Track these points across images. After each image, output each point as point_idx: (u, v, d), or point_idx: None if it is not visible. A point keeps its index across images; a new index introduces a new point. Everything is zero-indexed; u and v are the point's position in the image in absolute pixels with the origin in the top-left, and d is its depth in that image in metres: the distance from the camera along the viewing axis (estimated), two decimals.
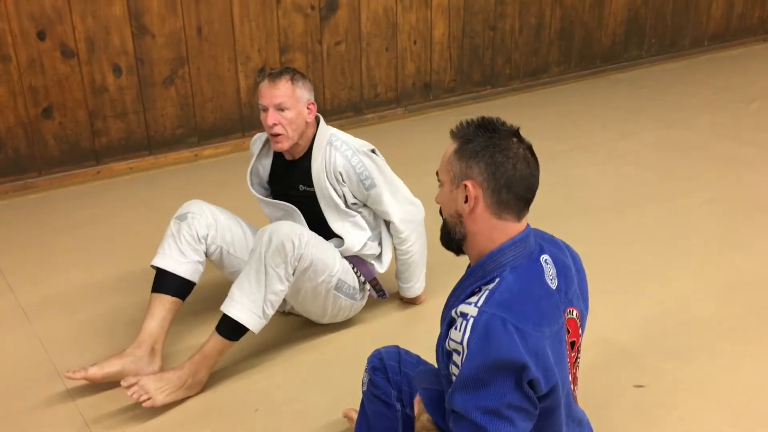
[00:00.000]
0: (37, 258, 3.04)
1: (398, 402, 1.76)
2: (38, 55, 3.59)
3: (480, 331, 1.30)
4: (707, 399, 2.12)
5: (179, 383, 2.11)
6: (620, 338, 2.41)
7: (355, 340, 2.42)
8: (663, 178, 3.73)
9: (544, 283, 1.41)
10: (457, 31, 4.93)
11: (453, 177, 1.43)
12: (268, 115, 2.29)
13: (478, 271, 1.42)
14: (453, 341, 1.33)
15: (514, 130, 1.44)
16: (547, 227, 1.55)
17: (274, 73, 2.33)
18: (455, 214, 1.44)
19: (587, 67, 5.73)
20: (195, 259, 2.35)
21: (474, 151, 1.40)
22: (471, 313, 1.33)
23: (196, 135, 4.15)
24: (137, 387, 2.05)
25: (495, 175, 1.39)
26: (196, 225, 2.35)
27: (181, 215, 2.37)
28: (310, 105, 2.35)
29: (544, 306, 1.37)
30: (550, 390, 1.34)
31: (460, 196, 1.42)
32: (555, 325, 1.39)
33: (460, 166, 1.41)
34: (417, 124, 4.67)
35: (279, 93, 2.28)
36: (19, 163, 3.69)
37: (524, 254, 1.42)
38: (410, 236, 2.47)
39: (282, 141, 2.32)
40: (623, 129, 4.51)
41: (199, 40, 3.99)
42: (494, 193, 1.39)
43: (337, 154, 2.35)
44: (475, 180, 1.39)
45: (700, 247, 3.02)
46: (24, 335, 2.50)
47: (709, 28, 6.38)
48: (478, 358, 1.29)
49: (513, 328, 1.30)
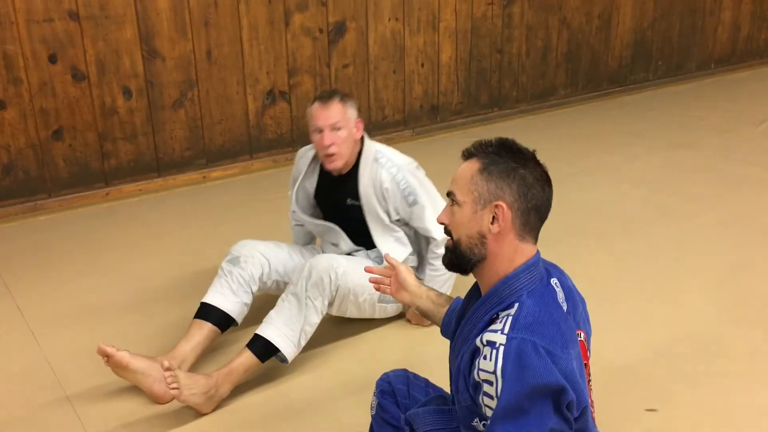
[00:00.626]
0: (46, 279, 3.05)
1: (407, 425, 1.75)
2: (49, 78, 3.62)
3: (513, 358, 1.27)
4: (719, 421, 2.09)
5: (204, 390, 2.13)
6: (631, 361, 2.39)
7: (363, 364, 2.41)
8: (670, 200, 3.72)
9: (559, 306, 1.40)
10: (465, 53, 4.96)
11: (478, 197, 1.39)
12: (324, 136, 2.38)
13: (493, 298, 1.40)
14: (484, 371, 1.29)
15: (533, 152, 1.44)
16: (555, 250, 1.55)
17: (324, 95, 2.43)
18: (476, 235, 1.40)
19: (594, 89, 5.75)
20: (243, 300, 2.44)
21: (505, 172, 1.38)
22: (499, 341, 1.29)
23: (204, 157, 4.17)
24: (173, 373, 2.07)
25: (527, 197, 1.37)
26: (249, 268, 2.44)
27: (233, 259, 2.45)
28: (357, 123, 2.46)
29: (565, 328, 1.36)
30: (581, 411, 1.32)
31: (487, 216, 1.38)
32: (576, 346, 1.38)
33: (489, 186, 1.38)
34: (424, 146, 4.68)
35: (332, 114, 2.38)
36: (29, 184, 3.72)
37: (537, 278, 1.40)
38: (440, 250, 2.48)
39: (337, 160, 2.43)
40: (630, 151, 4.51)
41: (208, 63, 4.02)
42: (523, 215, 1.38)
43: (383, 171, 2.45)
44: (506, 201, 1.37)
45: (709, 268, 3.00)
46: (32, 356, 2.50)
47: (715, 50, 6.40)
48: (515, 386, 1.26)
49: (544, 351, 1.27)
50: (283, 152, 4.38)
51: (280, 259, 2.54)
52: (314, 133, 2.43)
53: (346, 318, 2.68)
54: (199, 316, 2.38)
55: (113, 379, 2.37)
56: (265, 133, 4.33)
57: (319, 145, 2.42)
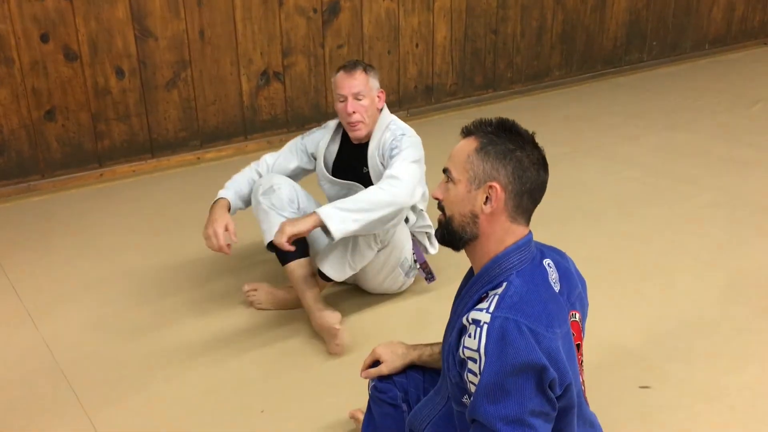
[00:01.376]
0: (41, 260, 3.04)
1: (404, 403, 1.77)
2: (41, 57, 3.59)
3: (495, 337, 1.29)
4: (713, 400, 2.12)
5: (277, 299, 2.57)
6: (625, 340, 2.41)
7: (361, 343, 2.42)
8: (665, 181, 3.73)
9: (550, 286, 1.41)
10: (459, 34, 4.94)
11: (473, 176, 1.40)
12: (347, 104, 2.44)
13: (484, 277, 1.41)
14: (468, 349, 1.32)
15: (532, 134, 1.44)
16: (550, 231, 1.56)
17: (348, 65, 2.49)
18: (468, 213, 1.41)
19: (589, 70, 5.74)
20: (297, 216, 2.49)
21: (501, 153, 1.38)
22: (484, 320, 1.31)
23: (198, 138, 4.16)
24: (252, 290, 2.57)
25: (521, 180, 1.38)
26: (285, 192, 2.50)
27: (267, 190, 2.49)
28: (380, 94, 2.54)
29: (552, 308, 1.37)
30: (564, 390, 1.34)
31: (481, 196, 1.39)
32: (564, 326, 1.39)
33: (485, 166, 1.39)
34: (419, 127, 4.60)
35: (356, 83, 2.45)
36: (23, 165, 3.70)
37: (528, 258, 1.41)
38: (384, 185, 2.30)
39: (360, 128, 2.49)
40: (625, 132, 4.52)
41: (201, 43, 4.00)
42: (516, 197, 1.38)
43: (388, 133, 2.48)
44: (500, 182, 1.38)
45: (703, 249, 3.02)
46: (29, 337, 2.50)
47: (710, 31, 6.40)
48: (497, 364, 1.28)
49: (527, 329, 1.29)
50: (278, 133, 4.36)
51: (306, 195, 2.62)
52: (338, 102, 2.49)
53: (344, 296, 2.70)
54: (286, 261, 2.45)
55: (111, 359, 2.38)
56: (259, 114, 4.31)
57: (342, 113, 2.48)
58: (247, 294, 2.61)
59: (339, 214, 2.21)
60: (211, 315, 2.60)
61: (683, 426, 2.02)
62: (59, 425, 2.07)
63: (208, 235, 2.37)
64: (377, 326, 2.53)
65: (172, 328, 2.54)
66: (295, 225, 2.20)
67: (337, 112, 2.53)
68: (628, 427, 2.00)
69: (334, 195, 2.64)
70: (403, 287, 2.69)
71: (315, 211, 2.22)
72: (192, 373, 2.30)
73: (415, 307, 2.65)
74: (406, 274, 2.61)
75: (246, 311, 2.62)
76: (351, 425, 2.01)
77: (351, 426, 2.01)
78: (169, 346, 2.44)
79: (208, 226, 2.39)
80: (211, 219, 2.41)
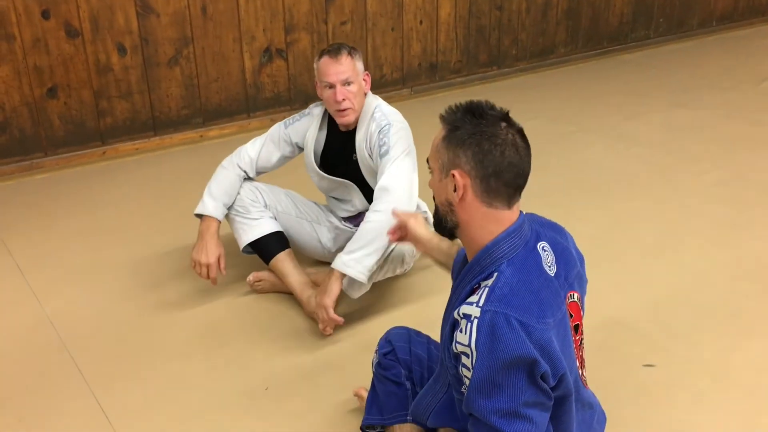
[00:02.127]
0: (45, 238, 3.04)
1: (408, 381, 1.77)
2: (42, 34, 3.56)
3: (486, 332, 1.28)
4: (716, 378, 2.11)
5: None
6: (629, 318, 2.40)
7: (366, 322, 2.43)
8: (670, 159, 3.71)
9: (543, 272, 1.39)
10: (464, 10, 4.89)
11: (442, 165, 1.40)
12: (336, 92, 2.36)
13: (475, 267, 1.40)
14: (460, 344, 1.31)
15: (504, 113, 1.40)
16: (554, 208, 1.55)
17: (332, 50, 2.39)
18: (446, 202, 1.41)
19: (594, 47, 5.69)
20: (268, 215, 2.53)
21: (461, 139, 1.36)
22: (474, 314, 1.30)
23: (201, 116, 4.13)
24: (257, 281, 2.56)
25: (483, 164, 1.35)
26: (244, 195, 2.50)
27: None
28: (365, 77, 2.45)
29: (545, 296, 1.35)
30: (558, 380, 1.33)
31: (449, 185, 1.39)
32: (558, 313, 1.37)
33: (448, 154, 1.38)
34: (423, 105, 4.65)
35: (343, 68, 2.36)
36: (25, 143, 3.68)
37: (520, 244, 1.39)
38: (380, 206, 2.28)
39: (350, 114, 2.41)
40: (631, 110, 4.48)
41: (203, 19, 3.96)
42: (482, 182, 1.36)
43: (373, 124, 2.42)
44: (462, 169, 1.36)
45: (709, 227, 3.01)
46: (33, 314, 2.50)
47: (717, 8, 6.32)
48: (488, 359, 1.27)
49: (517, 323, 1.28)
50: (281, 111, 4.34)
51: (278, 197, 2.60)
52: (324, 89, 2.40)
53: None
54: (268, 258, 2.48)
55: (115, 337, 2.38)
56: (262, 91, 4.28)
57: (330, 101, 2.40)
58: (253, 286, 2.58)
59: (352, 257, 2.21)
60: (215, 293, 2.60)
61: (687, 404, 2.02)
62: (63, 400, 2.08)
63: (199, 263, 2.39)
64: (379, 304, 2.53)
65: (176, 306, 2.54)
66: (327, 295, 2.22)
67: (324, 99, 2.43)
68: (632, 406, 2.01)
69: (325, 187, 2.62)
70: (407, 269, 2.68)
71: (331, 268, 2.24)
72: (196, 351, 2.31)
73: (416, 283, 2.64)
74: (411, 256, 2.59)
75: (251, 290, 2.62)
76: (355, 403, 2.02)
77: (355, 404, 2.02)
78: (173, 323, 2.45)
79: (201, 254, 2.39)
80: (203, 246, 2.40)
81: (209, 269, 2.39)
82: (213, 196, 2.47)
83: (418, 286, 2.64)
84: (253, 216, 2.49)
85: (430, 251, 1.79)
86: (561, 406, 1.38)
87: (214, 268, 2.39)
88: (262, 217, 2.51)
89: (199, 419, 2.01)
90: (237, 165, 2.55)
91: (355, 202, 2.58)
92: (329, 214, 2.68)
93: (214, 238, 2.41)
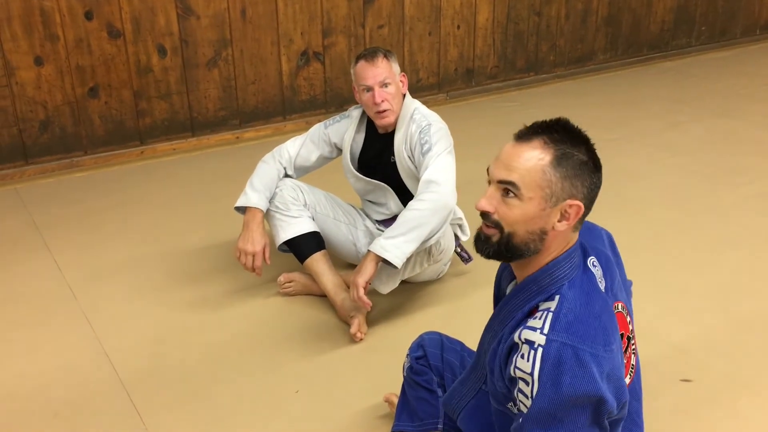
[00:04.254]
0: (84, 236, 3.09)
1: (440, 388, 1.75)
2: (85, 34, 3.63)
3: (552, 364, 1.21)
4: (754, 395, 2.06)
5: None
6: (668, 332, 2.36)
7: (397, 328, 2.41)
8: (710, 170, 3.63)
9: (599, 292, 1.33)
10: (502, 16, 4.86)
11: (550, 194, 1.26)
12: (375, 94, 2.39)
13: (531, 287, 1.32)
14: (520, 370, 1.25)
15: (586, 135, 1.33)
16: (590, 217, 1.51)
17: (367, 53, 2.42)
18: (537, 231, 1.29)
19: (634, 54, 5.61)
20: (307, 214, 2.54)
21: (579, 168, 1.27)
22: (539, 342, 1.23)
23: (237, 117, 4.17)
24: (288, 282, 2.58)
25: (592, 194, 1.30)
26: (286, 193, 2.51)
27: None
28: (402, 78, 2.48)
29: (606, 320, 1.29)
30: (621, 406, 1.29)
31: (555, 214, 1.28)
32: (617, 332, 1.32)
33: (564, 184, 1.27)
34: (459, 110, 4.62)
35: (380, 71, 2.39)
36: (66, 141, 3.75)
37: (577, 264, 1.33)
38: (425, 196, 2.25)
39: (389, 116, 2.43)
40: (671, 119, 4.41)
41: (243, 22, 3.99)
42: (587, 209, 1.31)
43: (413, 125, 2.43)
44: (579, 199, 1.28)
45: (749, 241, 2.93)
46: (70, 312, 2.54)
47: (761, 16, 6.19)
48: (552, 392, 1.21)
49: (588, 356, 1.21)
50: (316, 114, 4.35)
51: (318, 197, 2.60)
52: (362, 92, 2.43)
53: None
54: (303, 258, 2.50)
55: (149, 333, 2.41)
56: (298, 94, 4.30)
57: (369, 104, 2.42)
58: (283, 287, 2.59)
59: (391, 242, 2.18)
60: (249, 294, 2.61)
61: (724, 421, 1.97)
62: (96, 391, 2.11)
63: (245, 252, 2.40)
64: (410, 309, 2.51)
65: (209, 306, 2.56)
66: (362, 274, 2.17)
67: (362, 103, 2.46)
68: (669, 421, 1.96)
69: (361, 189, 2.63)
70: (441, 275, 2.67)
71: (369, 250, 2.20)
72: (227, 352, 2.32)
73: (448, 288, 2.62)
74: (445, 263, 2.60)
75: (281, 292, 2.62)
76: (385, 409, 2.00)
77: (385, 410, 2.00)
78: (205, 323, 2.47)
79: (247, 243, 2.40)
80: (249, 235, 2.41)
81: (255, 258, 2.40)
82: (255, 188, 2.50)
83: (450, 292, 2.62)
84: (293, 214, 2.50)
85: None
86: (615, 428, 1.34)
87: (259, 257, 2.40)
88: (302, 216, 2.52)
89: (229, 420, 2.01)
90: (278, 161, 2.59)
91: (390, 205, 2.58)
92: (365, 218, 2.68)
93: (260, 228, 2.43)
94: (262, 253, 2.41)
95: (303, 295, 2.60)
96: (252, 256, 2.40)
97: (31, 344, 2.36)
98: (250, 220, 2.44)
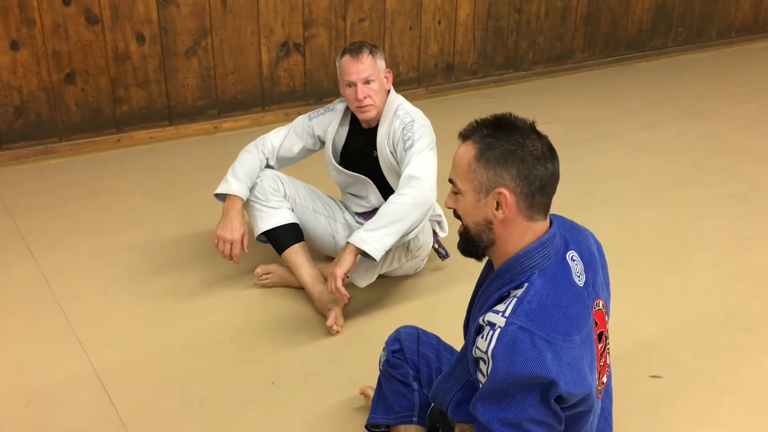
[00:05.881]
0: (58, 223, 3.06)
1: (415, 382, 1.77)
2: (63, 20, 3.58)
3: (506, 344, 1.26)
4: (724, 392, 2.10)
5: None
6: (638, 329, 2.39)
7: (374, 321, 2.43)
8: (685, 170, 3.69)
9: (573, 284, 1.37)
10: (483, 12, 4.87)
11: (479, 186, 1.35)
12: (357, 90, 2.39)
13: (505, 274, 1.37)
14: (479, 350, 1.30)
15: (531, 125, 1.38)
16: (566, 214, 1.53)
17: (352, 48, 2.41)
18: (482, 222, 1.37)
19: (612, 54, 5.66)
20: (286, 205, 2.54)
21: (502, 157, 1.33)
22: (498, 323, 1.29)
23: (216, 107, 4.14)
24: (266, 274, 2.57)
25: (529, 180, 1.33)
26: (266, 183, 2.51)
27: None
28: (387, 74, 2.48)
29: (573, 312, 1.33)
30: (582, 398, 1.32)
31: (491, 204, 1.35)
32: (585, 328, 1.35)
33: (488, 174, 1.33)
34: (437, 105, 4.64)
35: (364, 67, 2.39)
36: (41, 127, 3.70)
37: (551, 254, 1.37)
38: (406, 190, 2.27)
39: (370, 110, 2.44)
40: (647, 118, 4.46)
41: (223, 11, 3.96)
42: (528, 198, 1.34)
43: (397, 121, 2.44)
44: (508, 187, 1.33)
45: (722, 240, 2.99)
46: (45, 302, 2.51)
47: (737, 19, 6.28)
48: (503, 370, 1.26)
49: (542, 342, 1.26)
50: (296, 105, 4.34)
51: (298, 189, 2.60)
52: (345, 87, 2.43)
53: None
54: (281, 249, 2.49)
55: (122, 322, 2.39)
56: (278, 85, 4.28)
57: (351, 99, 2.43)
58: (261, 279, 2.59)
59: (371, 235, 2.18)
60: (224, 285, 2.61)
61: (693, 416, 2.01)
62: (69, 380, 2.09)
63: (223, 240, 2.39)
64: (388, 303, 2.53)
65: (186, 297, 2.55)
66: (340, 266, 2.16)
67: (345, 97, 2.47)
68: (638, 416, 2.00)
69: (342, 182, 2.64)
70: (419, 270, 2.69)
71: (348, 242, 2.20)
72: (203, 343, 2.31)
73: (426, 283, 2.64)
74: (422, 259, 2.62)
75: (258, 284, 2.62)
76: (361, 401, 2.02)
77: (361, 402, 2.02)
78: (181, 313, 2.46)
79: (225, 231, 2.39)
80: (228, 223, 2.40)
81: (233, 246, 2.39)
82: (237, 176, 2.49)
83: (428, 286, 2.63)
84: (272, 205, 2.50)
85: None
86: (579, 421, 1.37)
87: (237, 245, 2.40)
88: (281, 207, 2.52)
89: (204, 411, 2.01)
90: (261, 151, 2.58)
91: (371, 198, 2.59)
92: (345, 211, 2.69)
93: (239, 216, 2.42)
94: (241, 241, 2.41)
95: (280, 287, 2.60)
96: (230, 244, 2.39)
97: (5, 333, 2.33)
98: (230, 208, 2.43)
